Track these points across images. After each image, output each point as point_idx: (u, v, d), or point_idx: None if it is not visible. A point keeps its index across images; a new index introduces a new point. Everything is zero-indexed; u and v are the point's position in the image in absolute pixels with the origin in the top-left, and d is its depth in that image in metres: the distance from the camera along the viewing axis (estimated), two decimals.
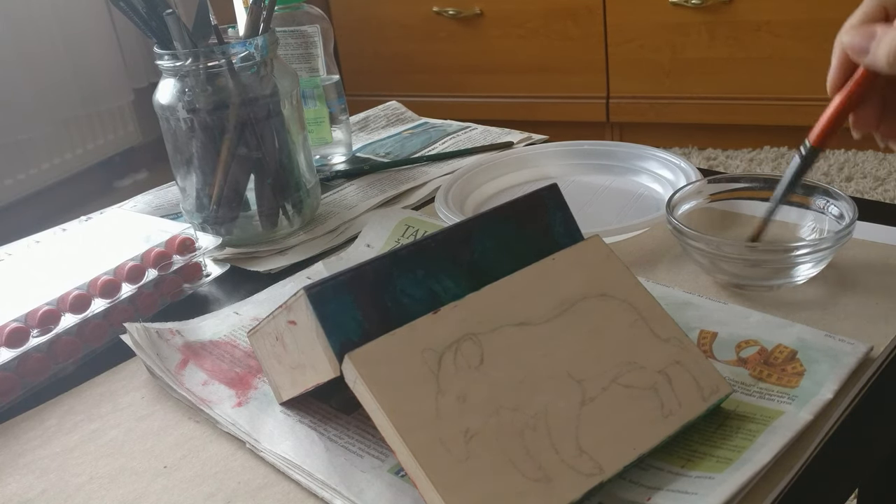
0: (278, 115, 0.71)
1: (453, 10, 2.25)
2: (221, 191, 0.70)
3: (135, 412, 0.53)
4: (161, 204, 0.84)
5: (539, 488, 0.38)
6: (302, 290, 0.40)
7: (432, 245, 0.43)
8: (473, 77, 2.29)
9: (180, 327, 0.58)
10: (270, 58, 0.70)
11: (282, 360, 0.46)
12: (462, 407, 0.39)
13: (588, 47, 2.15)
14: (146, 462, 0.48)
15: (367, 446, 0.46)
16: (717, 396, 0.44)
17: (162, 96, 0.69)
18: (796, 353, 0.48)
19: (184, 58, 0.67)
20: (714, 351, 0.50)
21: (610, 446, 0.40)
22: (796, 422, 0.43)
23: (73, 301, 0.58)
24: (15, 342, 0.55)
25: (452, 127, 0.96)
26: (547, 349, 0.42)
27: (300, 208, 0.74)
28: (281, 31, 0.82)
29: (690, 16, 1.97)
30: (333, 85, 0.88)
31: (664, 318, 0.46)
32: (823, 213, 0.58)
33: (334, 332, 0.40)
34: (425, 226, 0.68)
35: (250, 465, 0.46)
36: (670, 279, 0.59)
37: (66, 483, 0.47)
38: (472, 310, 0.42)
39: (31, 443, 0.51)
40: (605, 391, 0.42)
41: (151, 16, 0.67)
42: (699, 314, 0.53)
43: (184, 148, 0.70)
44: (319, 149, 0.88)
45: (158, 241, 0.64)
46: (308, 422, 0.48)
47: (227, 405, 0.51)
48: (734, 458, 0.41)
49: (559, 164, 0.79)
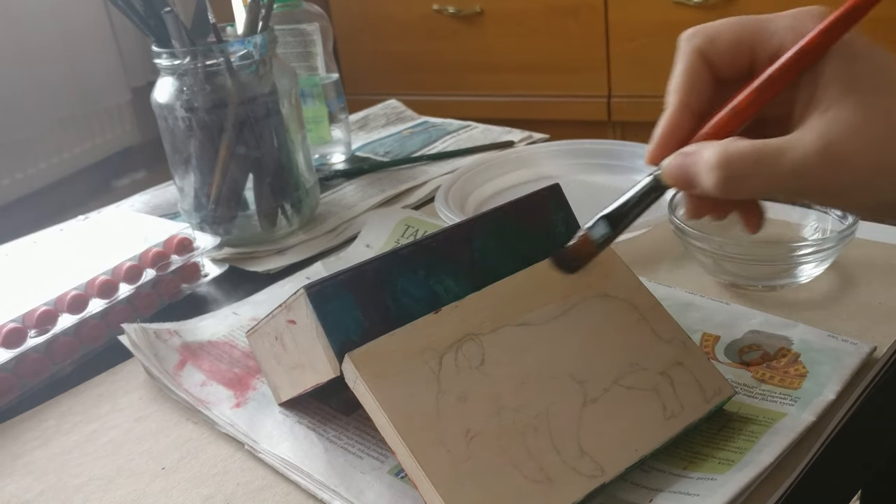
0: (277, 114, 0.70)
1: (454, 9, 2.24)
2: (220, 190, 0.70)
3: (133, 413, 0.52)
4: (159, 203, 0.84)
5: (540, 490, 0.38)
6: (302, 289, 0.40)
7: (433, 245, 0.43)
8: (474, 75, 2.29)
9: (178, 328, 0.58)
10: (269, 56, 0.70)
11: (281, 360, 0.46)
12: (463, 407, 0.39)
13: (589, 46, 2.15)
14: (144, 463, 0.48)
15: (366, 447, 0.45)
16: (720, 398, 0.43)
17: (160, 95, 0.69)
18: (799, 354, 0.48)
19: (182, 56, 0.66)
20: (717, 352, 0.50)
21: (612, 448, 0.40)
22: (799, 423, 0.43)
23: (71, 301, 0.58)
24: (12, 342, 0.54)
25: (453, 126, 0.96)
26: (548, 350, 0.42)
27: (299, 208, 0.73)
28: (280, 30, 0.82)
29: (692, 14, 1.97)
30: (333, 84, 0.87)
31: (666, 319, 0.45)
32: (826, 212, 0.58)
33: (334, 331, 0.39)
34: (425, 225, 0.68)
35: (249, 467, 0.46)
36: (672, 279, 0.59)
37: (65, 484, 0.47)
38: (473, 310, 0.42)
39: (29, 444, 0.51)
40: (607, 392, 0.42)
41: (149, 14, 0.67)
42: (701, 315, 0.53)
43: (182, 147, 0.70)
44: (318, 148, 0.88)
45: (156, 240, 0.64)
46: (307, 423, 0.48)
47: (225, 406, 0.50)
48: (736, 459, 0.41)
49: (560, 163, 0.79)
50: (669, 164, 0.39)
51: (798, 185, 0.36)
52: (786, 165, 0.35)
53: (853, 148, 0.35)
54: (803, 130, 0.36)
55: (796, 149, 0.35)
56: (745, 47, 0.39)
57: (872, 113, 0.35)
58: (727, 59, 0.39)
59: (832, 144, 0.35)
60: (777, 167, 0.36)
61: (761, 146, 0.36)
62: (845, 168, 0.35)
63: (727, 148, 0.36)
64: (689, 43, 0.40)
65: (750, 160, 0.36)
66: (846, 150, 0.35)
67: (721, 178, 0.36)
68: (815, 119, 0.36)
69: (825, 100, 0.36)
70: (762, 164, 0.36)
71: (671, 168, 0.39)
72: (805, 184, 0.36)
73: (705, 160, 0.37)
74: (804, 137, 0.36)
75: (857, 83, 0.36)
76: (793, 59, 0.37)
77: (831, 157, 0.35)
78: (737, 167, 0.36)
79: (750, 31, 0.39)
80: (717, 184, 0.36)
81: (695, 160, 0.37)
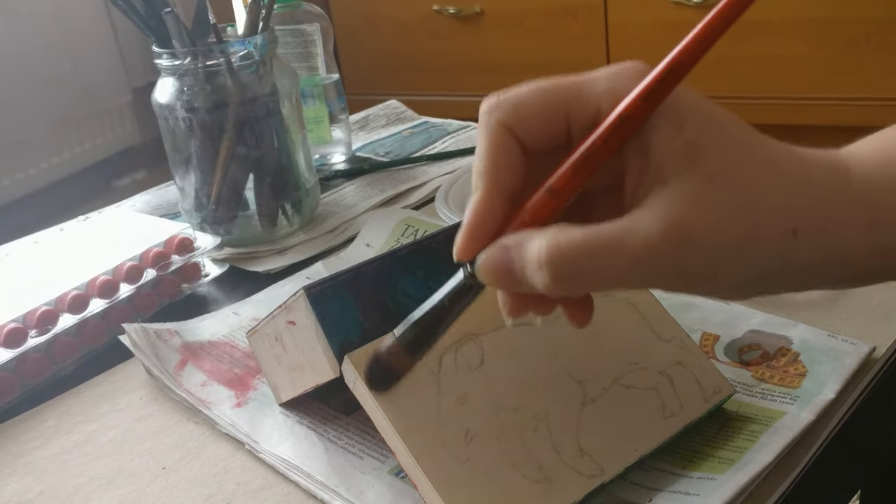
0: (277, 115, 0.70)
1: (454, 9, 2.24)
2: (220, 190, 0.70)
3: (133, 413, 0.52)
4: (160, 203, 0.84)
5: (540, 489, 0.38)
6: (302, 289, 0.40)
7: (433, 245, 0.43)
8: (474, 76, 2.29)
9: (179, 328, 0.58)
10: (269, 57, 0.70)
11: (281, 360, 0.46)
12: (462, 408, 0.39)
13: (589, 46, 2.15)
14: (145, 463, 0.48)
15: (366, 447, 0.45)
16: (719, 397, 0.43)
17: (161, 95, 0.69)
18: (798, 354, 0.48)
19: (182, 57, 0.66)
20: (716, 352, 0.50)
21: (611, 447, 0.40)
22: (798, 422, 0.43)
23: (72, 301, 0.58)
24: (13, 342, 0.54)
25: (453, 126, 0.96)
26: (548, 350, 0.42)
27: (299, 208, 0.74)
28: (280, 30, 0.82)
29: (692, 15, 1.97)
30: (333, 84, 0.88)
31: (666, 319, 0.45)
32: None
33: (334, 332, 0.40)
34: (425, 225, 0.68)
35: (249, 467, 0.46)
36: None
37: (65, 484, 0.47)
38: (472, 310, 0.42)
39: (29, 443, 0.51)
40: (607, 392, 0.42)
41: (150, 14, 0.67)
42: (701, 315, 0.53)
43: (182, 147, 0.70)
44: (319, 148, 0.88)
45: (157, 240, 0.64)
46: (308, 423, 0.48)
47: (226, 406, 0.50)
48: (736, 458, 0.41)
49: None
50: (487, 260, 0.32)
51: (645, 273, 0.31)
52: (627, 253, 0.30)
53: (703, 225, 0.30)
54: (642, 210, 0.31)
55: (638, 234, 0.30)
56: (559, 115, 0.33)
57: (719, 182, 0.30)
58: (537, 130, 0.33)
59: (677, 223, 0.30)
60: (618, 256, 0.30)
61: (597, 234, 0.30)
62: (697, 248, 0.30)
63: (556, 240, 0.30)
64: (490, 116, 0.34)
65: (585, 252, 0.30)
66: (695, 226, 0.30)
67: (552, 278, 0.31)
68: (654, 196, 0.30)
69: (662, 173, 0.31)
70: (600, 254, 0.30)
71: (489, 265, 0.32)
72: (653, 271, 0.31)
73: (532, 256, 0.31)
74: (644, 220, 0.30)
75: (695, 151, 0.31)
76: (611, 128, 0.31)
77: (679, 237, 0.30)
78: (570, 263, 0.30)
79: (562, 98, 0.33)
80: (548, 284, 0.31)
81: (518, 255, 0.32)
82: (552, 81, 0.34)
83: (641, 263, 0.30)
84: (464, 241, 0.33)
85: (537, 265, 0.31)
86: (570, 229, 0.31)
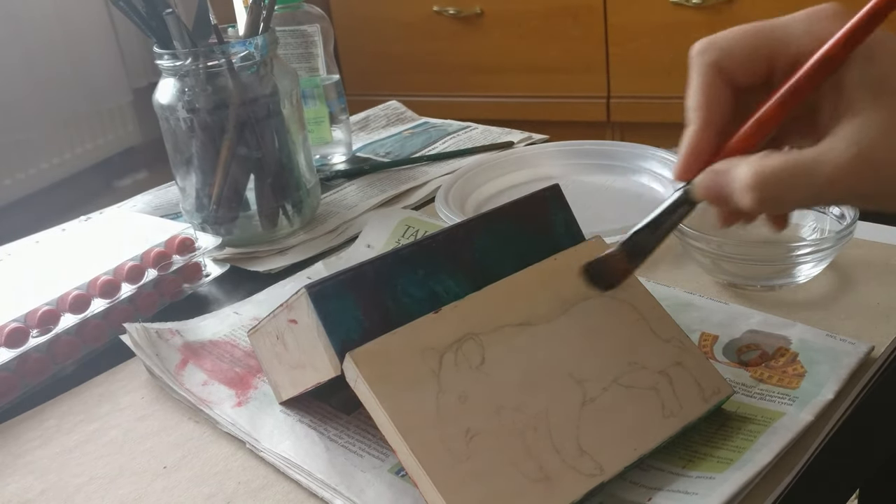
0: (278, 115, 0.70)
1: (454, 10, 2.24)
2: (221, 191, 0.70)
3: (134, 412, 0.52)
4: (161, 204, 0.84)
5: (540, 488, 0.38)
6: (303, 288, 0.40)
7: (433, 245, 0.43)
8: (474, 76, 2.29)
9: (180, 327, 0.58)
10: (270, 57, 0.70)
11: (282, 359, 0.46)
12: (463, 407, 0.39)
13: (589, 47, 2.15)
14: (146, 462, 0.48)
15: (367, 446, 0.45)
16: (718, 397, 0.44)
17: (162, 96, 0.69)
18: (797, 354, 0.48)
19: (183, 57, 0.67)
20: (715, 352, 0.50)
21: (611, 447, 0.40)
22: (797, 423, 0.43)
23: (73, 301, 0.58)
24: (14, 342, 0.54)
25: (453, 126, 0.96)
26: (548, 349, 0.42)
27: (300, 208, 0.74)
28: (281, 31, 0.82)
29: (691, 15, 1.97)
30: (333, 84, 0.88)
31: (665, 319, 0.46)
32: (824, 212, 0.58)
33: (335, 330, 0.40)
34: (425, 226, 0.68)
35: (250, 466, 0.46)
36: (671, 279, 0.59)
37: (66, 483, 0.47)
38: (473, 310, 0.42)
39: (30, 443, 0.51)
40: (606, 391, 0.42)
41: (151, 15, 0.67)
42: (700, 315, 0.53)
43: (183, 148, 0.70)
44: (319, 148, 0.88)
45: (158, 241, 0.64)
46: (308, 421, 0.48)
47: (226, 405, 0.51)
48: (735, 458, 0.41)
49: (560, 163, 0.79)
50: (702, 182, 0.39)
51: (835, 194, 0.36)
52: (821, 177, 0.35)
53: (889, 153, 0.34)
54: (834, 139, 0.35)
55: (830, 159, 0.35)
56: (762, 57, 0.38)
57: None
58: (744, 70, 0.39)
59: (866, 151, 0.34)
60: (812, 180, 0.35)
61: (794, 161, 0.35)
62: (883, 174, 0.35)
63: (761, 166, 0.36)
64: (703, 57, 0.39)
65: (784, 176, 0.35)
66: (881, 155, 0.34)
67: (757, 198, 0.36)
68: (846, 126, 0.35)
69: (854, 105, 0.35)
70: (797, 179, 0.35)
71: (704, 186, 0.38)
72: (842, 193, 0.36)
73: (740, 180, 0.36)
74: (836, 146, 0.35)
75: (884, 85, 0.35)
76: (816, 67, 0.36)
77: (866, 163, 0.34)
78: (772, 185, 0.36)
79: (765, 40, 0.38)
80: (753, 203, 0.36)
81: (728, 179, 0.37)
82: (754, 26, 0.39)
83: (833, 186, 0.35)
84: (682, 165, 0.40)
85: (744, 187, 0.36)
86: (771, 156, 0.36)
